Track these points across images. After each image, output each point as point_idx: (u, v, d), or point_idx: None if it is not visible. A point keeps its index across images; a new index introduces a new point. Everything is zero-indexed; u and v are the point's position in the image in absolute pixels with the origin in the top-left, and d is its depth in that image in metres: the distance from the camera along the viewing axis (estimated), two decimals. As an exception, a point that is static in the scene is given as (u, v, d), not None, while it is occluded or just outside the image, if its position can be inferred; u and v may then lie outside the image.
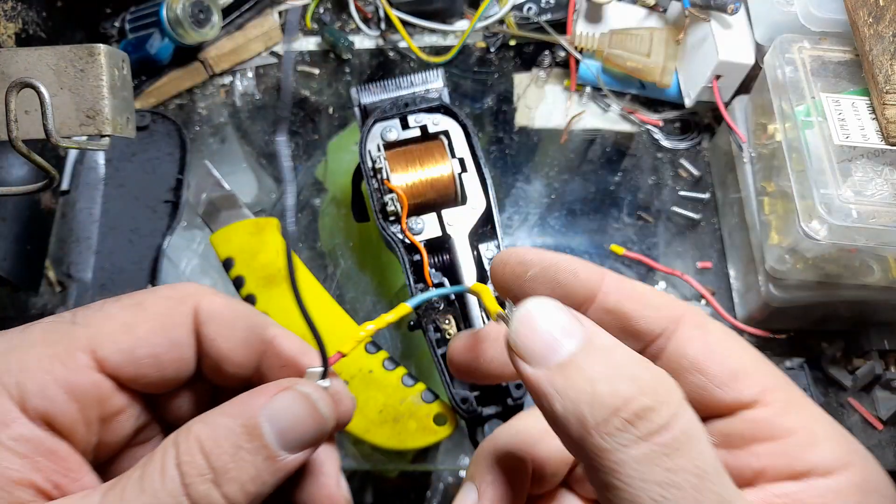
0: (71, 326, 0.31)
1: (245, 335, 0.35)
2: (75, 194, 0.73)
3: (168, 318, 0.33)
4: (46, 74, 0.53)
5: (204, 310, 0.34)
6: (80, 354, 0.31)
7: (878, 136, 0.62)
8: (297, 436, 0.32)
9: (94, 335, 0.31)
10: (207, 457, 0.29)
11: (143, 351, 0.32)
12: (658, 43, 0.79)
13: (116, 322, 0.32)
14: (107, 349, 0.31)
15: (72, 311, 0.33)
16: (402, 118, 0.65)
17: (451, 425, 0.60)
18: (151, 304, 0.33)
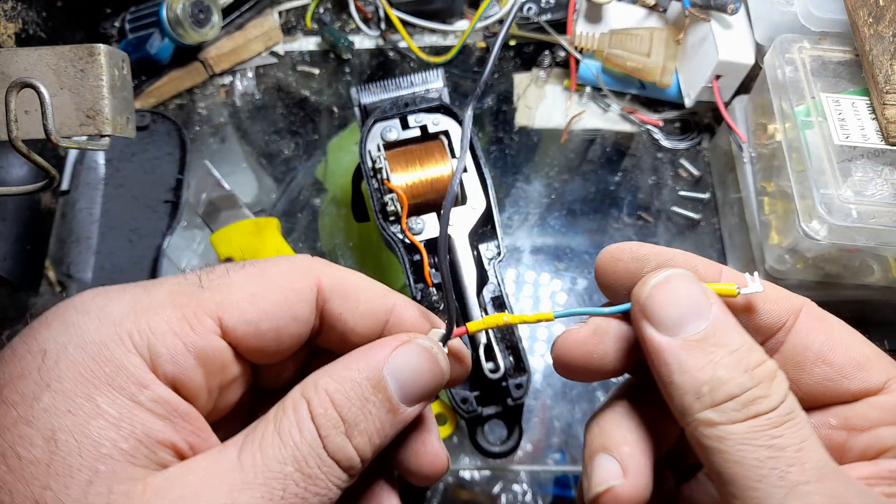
0: (198, 290, 0.31)
1: (368, 307, 0.35)
2: (75, 194, 0.73)
3: (292, 293, 0.33)
4: (46, 74, 0.53)
5: (326, 285, 0.34)
6: (208, 320, 0.31)
7: (878, 136, 0.62)
8: (417, 388, 0.33)
9: (221, 302, 0.31)
10: (339, 410, 0.30)
11: (267, 325, 0.32)
12: (658, 43, 0.79)
13: (244, 292, 0.32)
14: (234, 318, 0.31)
15: (196, 273, 0.32)
16: (402, 118, 0.65)
17: (451, 425, 0.60)
18: (276, 276, 0.33)
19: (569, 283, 0.77)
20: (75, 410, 0.27)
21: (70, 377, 0.27)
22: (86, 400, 0.27)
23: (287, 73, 0.90)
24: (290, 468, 0.29)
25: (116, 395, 0.28)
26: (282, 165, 0.83)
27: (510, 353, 0.58)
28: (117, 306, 0.30)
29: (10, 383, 0.27)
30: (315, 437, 0.30)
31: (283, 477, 0.28)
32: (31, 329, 0.29)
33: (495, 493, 0.92)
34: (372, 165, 0.61)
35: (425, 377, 0.33)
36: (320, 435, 0.30)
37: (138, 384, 0.28)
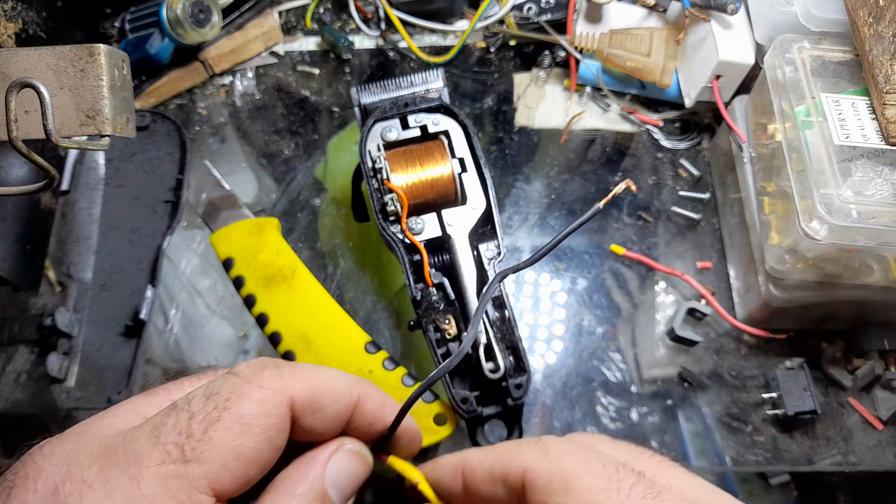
0: (185, 467, 0.31)
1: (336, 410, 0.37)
2: (75, 194, 0.74)
3: (271, 429, 0.33)
4: (46, 74, 0.53)
5: (298, 404, 0.35)
6: (203, 497, 0.31)
7: (878, 136, 0.62)
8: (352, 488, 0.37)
9: (210, 471, 0.31)
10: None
11: (255, 471, 0.33)
12: (658, 43, 0.79)
13: (227, 450, 0.31)
14: (225, 482, 0.31)
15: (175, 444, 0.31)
16: (402, 118, 0.65)
17: (452, 425, 0.60)
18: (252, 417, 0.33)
19: (569, 284, 0.77)
20: None
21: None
22: None
23: (287, 73, 0.90)
24: None
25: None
26: (282, 165, 0.83)
27: (510, 354, 0.58)
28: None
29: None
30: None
31: None
32: None
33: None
34: (372, 165, 0.61)
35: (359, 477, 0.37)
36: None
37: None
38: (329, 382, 0.36)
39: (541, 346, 0.73)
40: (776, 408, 0.69)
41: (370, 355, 0.63)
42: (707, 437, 0.70)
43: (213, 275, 0.76)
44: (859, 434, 0.70)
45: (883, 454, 0.69)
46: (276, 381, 0.34)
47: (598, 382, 0.72)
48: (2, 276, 0.67)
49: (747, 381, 0.72)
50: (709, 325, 0.74)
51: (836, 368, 0.71)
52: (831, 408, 0.71)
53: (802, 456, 0.69)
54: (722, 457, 0.69)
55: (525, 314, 0.75)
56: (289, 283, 0.66)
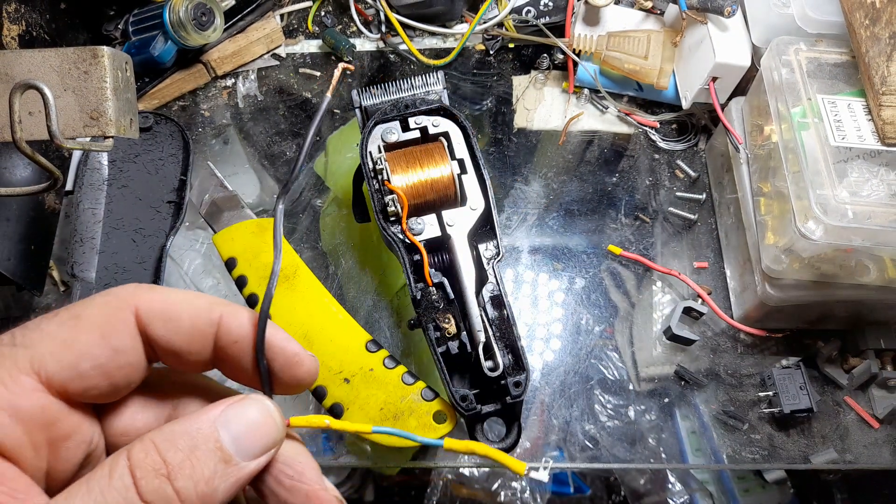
0: (11, 349, 0.31)
1: (192, 323, 0.35)
2: (79, 195, 0.74)
3: (108, 327, 0.33)
4: (50, 76, 0.54)
5: (144, 310, 0.34)
6: (24, 377, 0.31)
7: (874, 138, 0.63)
8: (253, 441, 0.33)
9: (34, 355, 0.31)
10: (162, 454, 0.30)
11: (86, 364, 0.32)
12: (655, 45, 0.80)
13: (56, 339, 0.32)
14: (50, 368, 0.31)
15: (10, 333, 0.32)
16: (402, 120, 0.65)
17: (451, 423, 0.61)
18: (89, 315, 0.33)
19: (566, 283, 0.77)
20: None
21: None
22: None
23: (289, 75, 0.91)
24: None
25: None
26: (284, 166, 0.84)
27: (509, 352, 0.58)
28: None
29: None
30: (127, 481, 0.29)
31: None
32: None
33: (494, 489, 0.93)
34: (373, 167, 0.62)
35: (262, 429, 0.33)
36: (134, 479, 0.29)
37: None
38: (184, 297, 0.36)
39: (539, 345, 0.74)
40: (773, 406, 0.70)
41: (371, 354, 0.64)
42: (704, 435, 0.71)
43: (216, 275, 0.77)
44: (855, 432, 0.71)
45: (879, 452, 0.70)
46: (124, 291, 0.34)
47: (595, 381, 0.72)
48: (6, 276, 0.68)
49: (744, 379, 0.72)
50: (705, 324, 0.75)
51: (832, 367, 0.72)
52: (827, 406, 0.72)
53: (799, 454, 0.70)
54: (719, 454, 0.70)
55: (524, 313, 0.76)
56: (290, 283, 0.67)
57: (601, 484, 1.06)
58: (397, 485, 1.04)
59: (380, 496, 1.05)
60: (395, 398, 0.62)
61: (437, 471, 0.95)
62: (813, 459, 0.69)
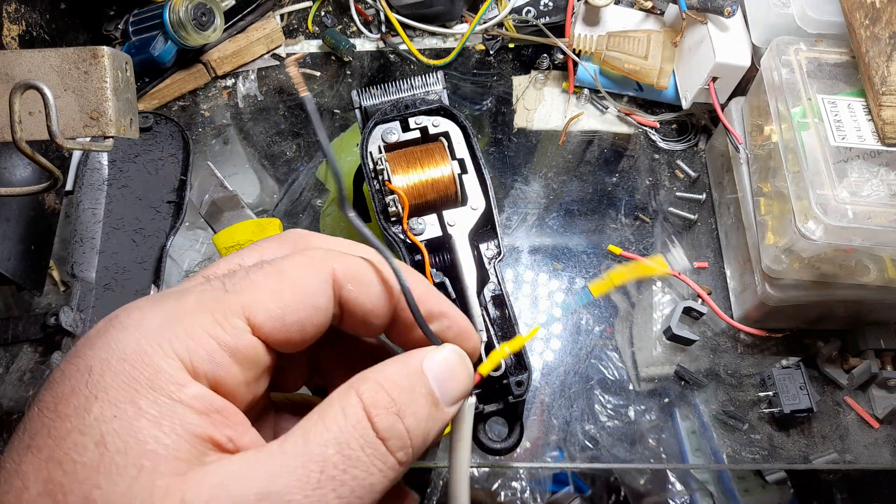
0: (224, 294, 0.33)
1: (381, 288, 0.37)
2: (79, 195, 0.74)
3: (310, 286, 0.34)
4: (50, 76, 0.54)
5: (340, 273, 0.35)
6: (237, 320, 0.32)
7: (874, 138, 0.63)
8: (452, 387, 0.35)
9: (246, 302, 0.33)
10: (390, 393, 0.32)
11: (291, 318, 0.33)
12: (655, 45, 0.80)
13: (265, 290, 0.33)
14: (260, 316, 0.33)
15: (219, 278, 0.34)
16: (402, 120, 0.65)
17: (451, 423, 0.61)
18: (292, 271, 0.34)
19: (566, 283, 0.77)
20: (121, 415, 0.29)
21: (115, 386, 0.29)
22: (129, 404, 0.29)
23: (289, 75, 0.91)
24: (330, 450, 0.30)
25: (157, 395, 0.30)
26: (284, 166, 0.84)
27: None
28: (153, 318, 0.32)
29: (63, 399, 0.29)
30: (361, 418, 0.31)
31: (321, 460, 0.29)
32: (77, 349, 0.31)
33: (494, 489, 0.93)
34: (373, 167, 0.62)
35: (459, 376, 0.35)
36: (368, 415, 0.31)
37: (176, 384, 0.30)
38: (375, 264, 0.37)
39: (539, 345, 0.74)
40: (772, 406, 0.70)
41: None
42: (704, 435, 0.71)
43: (216, 275, 0.76)
44: (855, 432, 0.71)
45: (879, 452, 0.70)
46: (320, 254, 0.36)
47: (596, 381, 0.72)
48: (6, 276, 0.68)
49: (744, 379, 0.72)
50: (705, 324, 0.75)
51: (832, 367, 0.72)
52: (827, 406, 0.72)
53: (799, 454, 0.70)
54: (719, 454, 0.70)
55: (524, 313, 0.76)
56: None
57: (601, 484, 1.06)
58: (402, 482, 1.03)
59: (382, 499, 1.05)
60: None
61: (436, 471, 0.95)
62: (813, 459, 0.69)
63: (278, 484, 0.28)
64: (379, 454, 0.31)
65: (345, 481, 0.29)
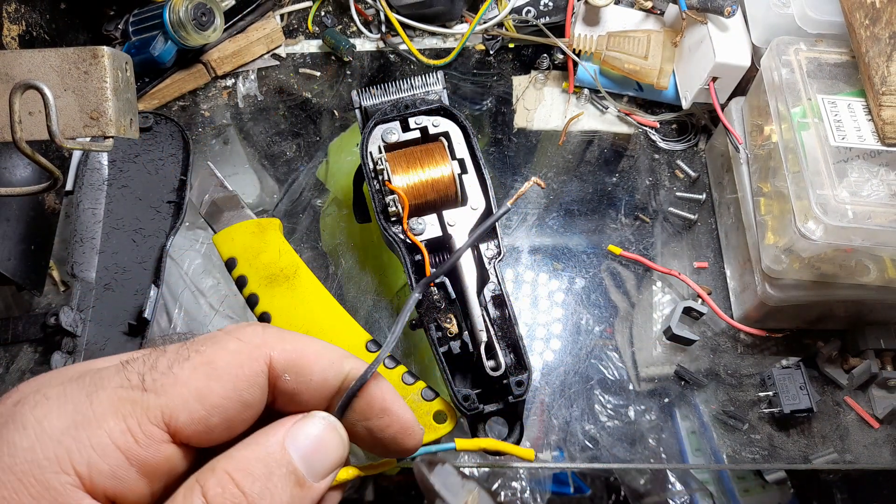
0: (142, 395, 0.30)
1: (322, 377, 0.34)
2: (79, 195, 0.74)
3: (241, 380, 0.32)
4: (50, 76, 0.54)
5: (277, 361, 0.33)
6: (154, 428, 0.30)
7: (874, 138, 0.63)
8: (322, 460, 0.32)
9: (166, 405, 0.30)
10: (240, 486, 0.29)
11: (216, 419, 0.31)
12: (655, 45, 0.80)
13: (189, 389, 0.30)
14: (182, 419, 0.30)
15: (137, 373, 0.31)
16: (402, 120, 0.65)
17: (451, 423, 0.61)
18: (221, 362, 0.31)
19: (566, 283, 0.77)
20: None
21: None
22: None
23: (289, 75, 0.91)
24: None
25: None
26: (284, 166, 0.84)
27: (510, 351, 0.59)
28: (57, 420, 0.29)
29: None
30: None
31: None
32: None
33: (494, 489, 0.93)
34: (373, 167, 0.62)
35: (329, 447, 0.33)
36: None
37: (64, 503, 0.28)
38: (317, 349, 0.35)
39: (539, 345, 0.74)
40: (772, 406, 0.70)
41: (371, 354, 0.64)
42: (704, 435, 0.71)
43: (216, 275, 0.76)
44: (855, 432, 0.71)
45: (879, 452, 0.70)
46: (256, 337, 0.33)
47: (595, 381, 0.72)
48: (6, 276, 0.68)
49: (744, 379, 0.72)
50: (705, 324, 0.75)
51: (832, 367, 0.72)
52: (827, 406, 0.72)
53: (799, 454, 0.70)
54: (719, 455, 0.70)
55: (524, 313, 0.76)
56: (291, 283, 0.67)
57: (601, 484, 1.06)
58: (397, 484, 1.04)
59: (380, 496, 1.05)
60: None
61: (437, 471, 0.95)
62: (813, 459, 0.69)
63: None
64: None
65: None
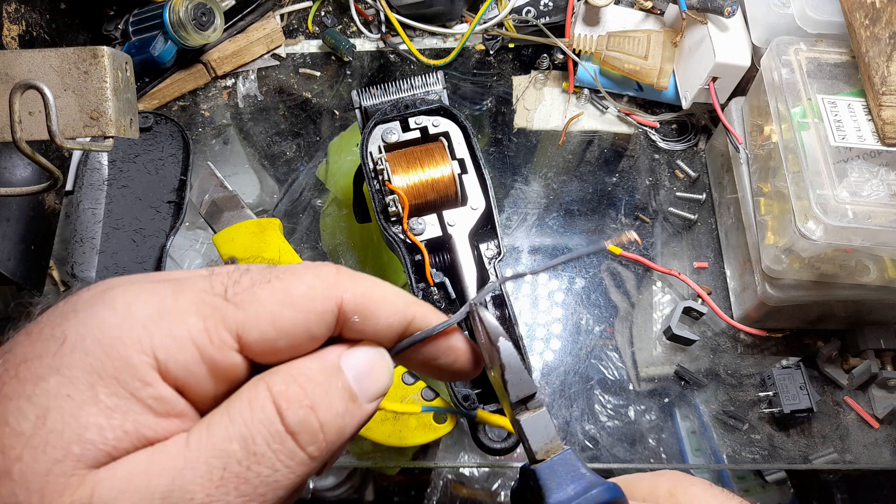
0: (223, 303, 0.31)
1: (388, 322, 0.35)
2: (79, 195, 0.74)
3: (312, 314, 0.33)
4: (50, 76, 0.54)
5: (349, 304, 0.34)
6: (228, 336, 0.31)
7: (874, 138, 0.63)
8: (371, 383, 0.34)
9: (243, 319, 0.31)
10: (303, 386, 0.31)
11: (283, 343, 0.32)
12: (655, 45, 0.80)
13: (265, 310, 0.32)
14: (253, 335, 0.31)
15: (222, 284, 0.32)
16: (402, 120, 0.65)
17: (451, 423, 0.61)
18: (298, 295, 0.33)
19: (566, 283, 0.77)
20: (74, 395, 0.28)
21: (79, 366, 0.28)
22: (87, 388, 0.28)
23: (289, 75, 0.91)
24: (234, 445, 0.29)
25: (118, 388, 0.29)
26: (284, 166, 0.84)
27: (509, 352, 0.58)
28: (143, 306, 0.30)
29: (26, 361, 0.29)
30: (269, 411, 0.30)
31: (224, 455, 0.28)
32: (59, 312, 0.30)
33: (494, 489, 0.93)
34: (373, 167, 0.62)
35: (378, 374, 0.34)
36: (278, 408, 0.30)
37: (142, 382, 0.29)
38: (386, 293, 0.36)
39: (539, 345, 0.74)
40: (772, 406, 0.70)
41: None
42: (704, 435, 0.71)
43: (216, 275, 0.76)
44: (855, 432, 0.71)
45: (879, 452, 0.70)
46: (331, 277, 0.34)
47: (595, 381, 0.72)
48: (6, 276, 0.68)
49: (744, 379, 0.72)
50: (705, 324, 0.75)
51: (832, 367, 0.72)
52: (827, 406, 0.72)
53: (799, 454, 0.70)
54: (719, 454, 0.70)
55: (523, 313, 0.76)
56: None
57: (601, 484, 1.06)
58: (397, 485, 1.04)
59: (380, 496, 1.05)
60: (395, 398, 0.62)
61: (436, 471, 0.95)
62: (813, 459, 0.69)
63: (183, 480, 0.28)
64: (286, 449, 0.30)
65: (248, 478, 0.29)
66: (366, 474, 1.04)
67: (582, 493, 0.31)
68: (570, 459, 0.33)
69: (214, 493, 0.28)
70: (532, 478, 0.33)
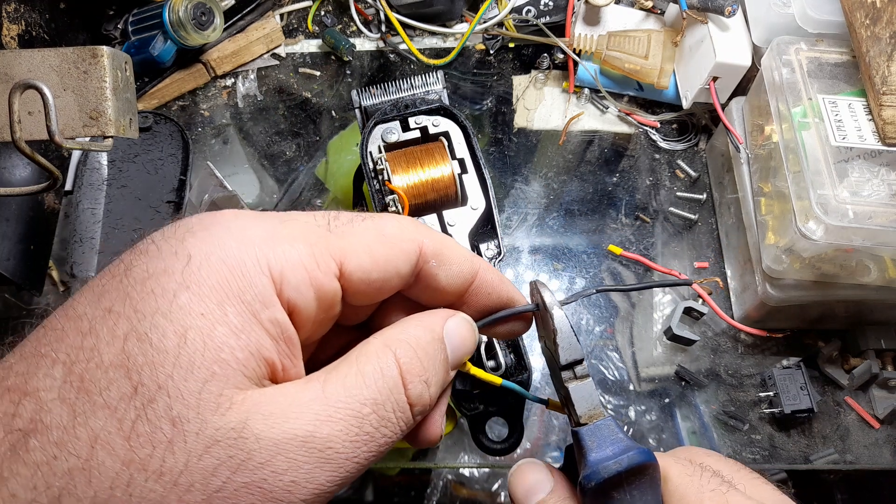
0: (327, 233, 0.34)
1: (459, 269, 0.38)
2: (78, 194, 0.74)
3: (401, 252, 0.36)
4: (50, 76, 0.54)
5: (428, 249, 0.37)
6: (332, 261, 0.33)
7: (874, 137, 0.63)
8: (460, 354, 0.37)
9: (344, 248, 0.34)
10: (422, 361, 0.34)
11: (376, 275, 0.35)
12: (656, 45, 0.80)
13: (362, 242, 0.35)
14: (352, 265, 0.34)
15: (324, 215, 0.35)
16: (402, 120, 0.65)
17: (451, 423, 0.61)
18: (390, 234, 0.36)
19: (567, 283, 0.77)
20: (207, 314, 0.29)
21: (209, 284, 0.30)
22: (217, 307, 0.29)
23: (289, 74, 0.91)
24: (367, 409, 0.31)
25: (243, 308, 0.30)
26: (283, 166, 0.84)
27: (511, 352, 0.58)
28: (257, 231, 0.32)
29: (154, 276, 0.30)
30: (397, 383, 0.33)
31: (360, 416, 0.31)
32: (176, 234, 0.32)
33: (494, 490, 0.93)
34: (373, 167, 0.62)
35: (468, 344, 0.38)
36: (404, 381, 0.33)
37: (262, 303, 0.31)
38: (456, 245, 0.39)
39: (539, 345, 0.74)
40: (773, 406, 0.70)
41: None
42: (704, 435, 0.71)
43: (215, 275, 0.76)
44: (856, 432, 0.71)
45: (880, 453, 0.70)
46: (412, 225, 0.37)
47: (596, 381, 0.72)
48: (6, 276, 0.68)
49: (744, 379, 0.72)
50: (706, 324, 0.75)
51: (832, 367, 0.72)
52: (828, 406, 0.72)
53: (799, 454, 0.70)
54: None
55: (524, 314, 0.75)
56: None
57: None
58: (397, 485, 1.04)
59: (380, 496, 1.05)
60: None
61: (436, 471, 0.95)
62: (813, 460, 0.69)
63: (323, 430, 0.30)
64: (405, 418, 0.33)
65: (375, 438, 0.31)
66: (366, 474, 1.04)
67: (620, 454, 0.34)
68: (610, 425, 0.36)
69: (349, 447, 0.31)
70: (575, 438, 0.36)
